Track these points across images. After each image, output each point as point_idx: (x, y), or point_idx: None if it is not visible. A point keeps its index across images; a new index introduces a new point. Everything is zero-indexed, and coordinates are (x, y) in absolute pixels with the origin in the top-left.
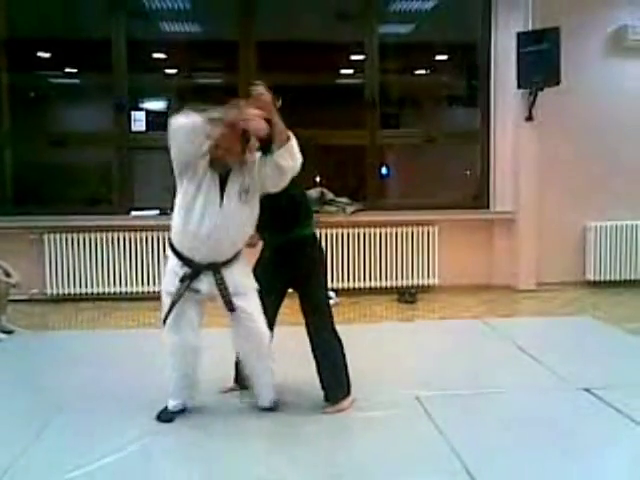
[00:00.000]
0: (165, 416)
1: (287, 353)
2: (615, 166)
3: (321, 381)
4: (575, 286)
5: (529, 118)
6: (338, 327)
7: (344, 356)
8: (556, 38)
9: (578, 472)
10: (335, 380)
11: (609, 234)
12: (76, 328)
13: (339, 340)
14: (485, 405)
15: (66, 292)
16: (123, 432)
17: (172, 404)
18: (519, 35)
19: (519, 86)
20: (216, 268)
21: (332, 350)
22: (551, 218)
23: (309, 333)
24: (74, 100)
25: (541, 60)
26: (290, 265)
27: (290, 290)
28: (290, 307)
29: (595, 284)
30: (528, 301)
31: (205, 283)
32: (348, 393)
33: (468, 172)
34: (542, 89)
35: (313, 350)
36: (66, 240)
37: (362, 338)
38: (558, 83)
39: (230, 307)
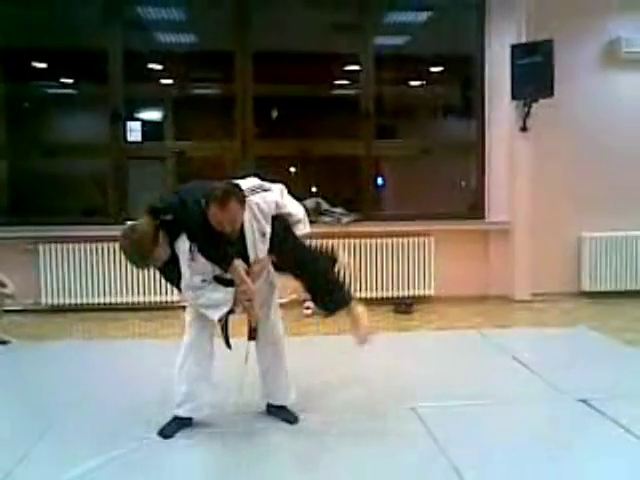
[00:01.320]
0: (169, 430)
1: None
2: (610, 176)
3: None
4: (570, 297)
5: (523, 129)
6: (335, 337)
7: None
8: (549, 50)
9: None
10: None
11: (604, 245)
12: (71, 338)
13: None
14: (482, 416)
15: (61, 302)
16: (117, 443)
17: (182, 414)
18: (513, 47)
19: (513, 97)
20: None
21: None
22: (546, 228)
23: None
24: (70, 110)
25: (534, 72)
26: None
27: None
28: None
29: (590, 295)
30: (524, 312)
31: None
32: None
33: (463, 182)
34: (536, 100)
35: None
36: (61, 250)
37: (357, 349)
38: (551, 95)
39: (250, 335)
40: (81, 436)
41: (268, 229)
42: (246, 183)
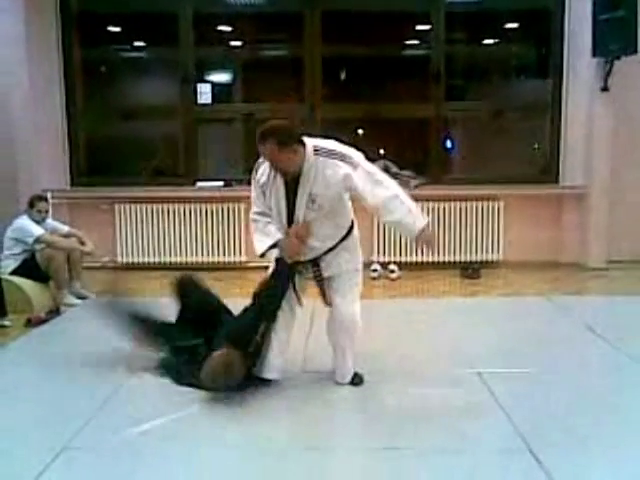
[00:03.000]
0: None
1: None
2: None
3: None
4: None
5: (605, 88)
6: (400, 301)
7: None
8: (634, 4)
9: None
10: None
11: None
12: (144, 295)
13: None
14: (550, 384)
15: (135, 261)
16: (189, 398)
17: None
18: (595, 1)
19: (594, 54)
20: (314, 261)
21: None
22: (625, 193)
23: None
24: (142, 74)
25: (618, 27)
26: None
27: None
28: None
29: None
30: (598, 279)
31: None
32: None
33: (536, 145)
34: (619, 58)
35: None
36: (135, 210)
37: (423, 313)
38: (636, 52)
39: (325, 301)
40: (154, 391)
41: (324, 202)
42: (328, 144)
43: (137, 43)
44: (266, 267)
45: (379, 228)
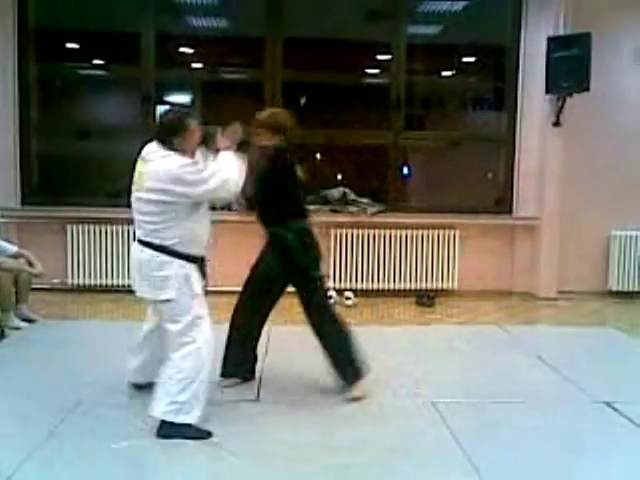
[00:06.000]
0: None
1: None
2: None
3: (336, 372)
4: (597, 296)
5: (556, 123)
6: (355, 329)
7: (350, 342)
8: (587, 44)
9: None
10: (342, 365)
11: (634, 243)
12: (95, 318)
13: (342, 329)
14: (501, 414)
15: (87, 283)
16: (139, 422)
17: None
18: (549, 40)
19: (548, 91)
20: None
21: (334, 340)
22: (575, 225)
23: (313, 332)
24: (101, 92)
25: (571, 65)
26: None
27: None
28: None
29: (618, 294)
30: (548, 309)
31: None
32: (359, 376)
33: (490, 175)
34: (571, 95)
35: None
36: (88, 231)
37: (378, 341)
38: (587, 89)
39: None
40: (108, 414)
41: None
42: None
43: (96, 61)
44: (226, 292)
45: (335, 254)
